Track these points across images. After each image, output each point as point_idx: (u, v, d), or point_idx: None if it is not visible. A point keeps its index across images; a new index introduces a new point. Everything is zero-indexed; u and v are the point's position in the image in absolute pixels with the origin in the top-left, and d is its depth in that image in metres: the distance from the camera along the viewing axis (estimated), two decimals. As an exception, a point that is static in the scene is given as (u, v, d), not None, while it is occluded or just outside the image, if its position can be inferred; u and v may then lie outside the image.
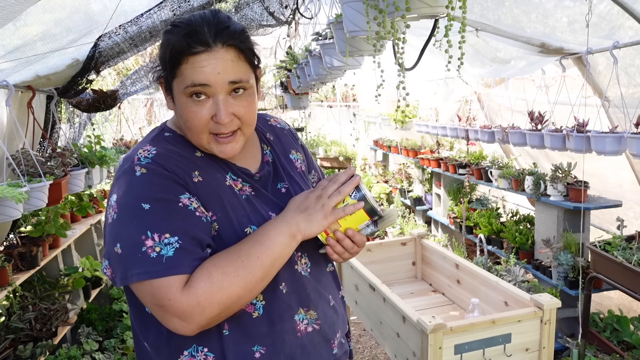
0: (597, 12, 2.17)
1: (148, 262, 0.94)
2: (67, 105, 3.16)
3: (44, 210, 3.14)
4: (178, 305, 0.93)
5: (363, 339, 3.83)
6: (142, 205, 0.97)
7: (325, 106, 8.63)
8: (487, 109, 4.48)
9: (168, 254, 0.95)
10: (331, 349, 1.18)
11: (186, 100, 1.02)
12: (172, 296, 0.93)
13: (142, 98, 5.18)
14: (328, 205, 1.05)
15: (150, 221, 0.96)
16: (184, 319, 0.94)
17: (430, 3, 1.22)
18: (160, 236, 0.95)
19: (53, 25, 1.97)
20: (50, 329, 2.87)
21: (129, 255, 0.95)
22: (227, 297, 0.95)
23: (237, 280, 0.96)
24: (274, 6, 3.08)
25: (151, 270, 0.93)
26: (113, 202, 1.00)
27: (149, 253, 0.94)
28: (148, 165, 1.01)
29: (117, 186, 1.01)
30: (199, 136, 1.05)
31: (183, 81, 1.01)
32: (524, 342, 1.88)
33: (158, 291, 0.93)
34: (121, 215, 0.97)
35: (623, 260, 2.50)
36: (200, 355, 1.03)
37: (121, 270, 0.96)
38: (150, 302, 0.96)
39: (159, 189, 0.99)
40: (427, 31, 1.45)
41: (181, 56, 1.00)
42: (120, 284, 0.97)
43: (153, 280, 0.93)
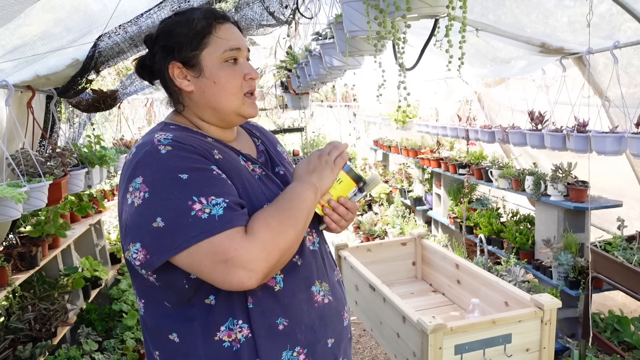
0: (598, 12, 2.16)
1: (201, 224, 0.96)
2: (66, 105, 3.15)
3: (43, 211, 3.13)
4: (245, 252, 0.96)
5: (363, 339, 3.83)
6: (180, 176, 0.99)
7: (325, 106, 8.63)
8: (487, 109, 4.48)
9: (219, 213, 0.97)
10: (342, 320, 1.25)
11: (221, 65, 1.12)
12: (238, 245, 0.96)
13: (141, 98, 5.17)
14: (330, 160, 1.18)
15: (192, 188, 0.98)
16: (251, 267, 0.96)
17: (430, 3, 1.22)
18: (207, 199, 0.98)
19: (53, 25, 1.96)
20: (50, 329, 2.87)
21: (177, 224, 0.96)
22: (285, 243, 1.01)
23: (289, 229, 1.03)
24: (274, 6, 3.07)
25: (207, 229, 0.95)
26: (139, 183, 1.00)
27: (199, 215, 0.96)
28: (172, 143, 1.04)
29: (140, 168, 1.01)
30: (236, 97, 1.14)
31: (218, 47, 1.11)
32: (525, 343, 1.88)
33: (220, 247, 0.95)
34: (156, 191, 0.98)
35: (623, 260, 2.49)
36: (236, 327, 1.07)
37: (169, 241, 0.96)
38: (210, 262, 0.96)
39: (191, 160, 1.02)
40: (427, 31, 1.45)
41: (212, 25, 1.11)
42: (162, 258, 0.97)
43: (213, 237, 0.95)
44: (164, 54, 1.13)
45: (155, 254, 0.97)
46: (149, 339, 1.15)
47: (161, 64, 1.15)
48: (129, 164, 1.05)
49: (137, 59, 1.19)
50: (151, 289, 1.09)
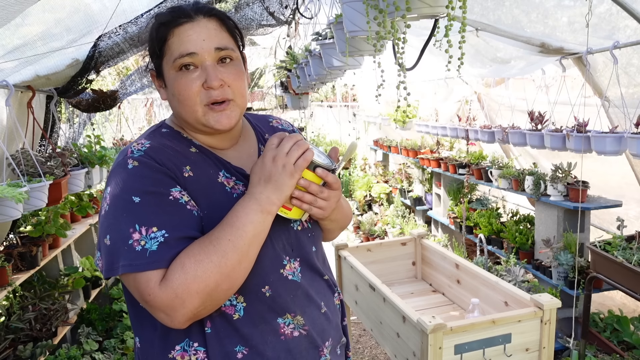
0: (597, 12, 2.17)
1: (132, 255, 0.94)
2: (66, 105, 3.16)
3: (43, 210, 3.14)
4: (158, 300, 0.93)
5: (363, 339, 3.83)
6: (133, 199, 0.98)
7: (325, 106, 8.63)
8: (487, 109, 4.48)
9: (152, 248, 0.95)
10: (319, 356, 1.14)
11: (176, 74, 1.04)
12: (151, 291, 0.94)
13: (141, 98, 5.18)
14: (289, 162, 0.99)
15: (139, 214, 0.97)
16: (168, 312, 0.94)
17: (430, 3, 1.22)
18: (147, 229, 0.96)
19: (53, 25, 1.96)
20: (50, 329, 2.87)
21: (116, 247, 0.96)
22: (205, 285, 0.94)
23: (210, 267, 0.94)
24: (274, 6, 3.07)
25: (134, 263, 0.94)
26: (107, 194, 1.02)
27: (134, 246, 0.95)
28: (140, 158, 1.02)
29: (111, 179, 1.03)
30: (193, 108, 1.04)
31: (172, 55, 1.03)
32: (524, 342, 1.88)
33: (139, 286, 0.94)
34: (112, 208, 0.99)
35: (623, 260, 2.50)
36: (191, 350, 1.03)
37: (109, 261, 0.97)
38: (136, 296, 0.97)
39: (150, 181, 1.00)
40: (427, 31, 1.45)
41: (167, 30, 1.04)
42: (106, 275, 0.98)
43: (136, 274, 0.94)
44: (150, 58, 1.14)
45: (105, 268, 0.99)
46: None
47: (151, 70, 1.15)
48: (111, 167, 1.07)
49: None
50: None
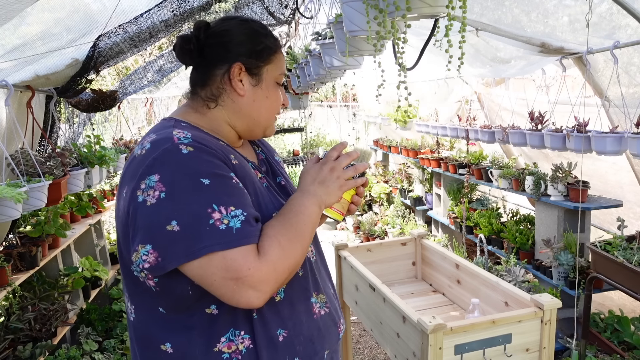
0: (598, 11, 2.16)
1: (218, 234, 0.92)
2: (66, 105, 3.15)
3: (43, 210, 3.13)
4: (258, 273, 0.93)
5: (363, 339, 3.83)
6: (202, 181, 0.95)
7: (325, 106, 8.63)
8: (487, 108, 4.48)
9: (237, 226, 0.94)
10: (338, 332, 1.23)
11: (274, 84, 1.18)
12: (251, 264, 0.93)
13: (141, 98, 5.17)
14: (342, 177, 1.13)
15: (213, 195, 0.95)
16: (260, 288, 0.94)
17: (430, 3, 1.22)
18: (226, 209, 0.95)
19: (53, 24, 1.96)
20: (50, 329, 2.87)
21: (192, 230, 0.92)
22: (294, 261, 1.00)
23: (298, 247, 1.01)
24: (273, 6, 3.07)
25: (223, 241, 0.92)
26: (154, 181, 0.95)
27: (217, 225, 0.93)
28: (193, 144, 1.00)
29: (157, 166, 0.96)
30: (272, 115, 1.20)
31: (279, 68, 1.18)
32: (525, 343, 1.87)
33: (233, 263, 0.92)
34: (175, 192, 0.94)
35: (624, 260, 2.49)
36: (238, 338, 1.04)
37: (182, 247, 0.92)
38: (221, 277, 0.93)
39: (213, 165, 0.99)
40: (427, 31, 1.45)
41: (278, 45, 1.18)
42: (180, 262, 0.93)
43: (227, 251, 0.92)
44: (226, 51, 1.12)
45: (167, 258, 0.93)
46: (137, 348, 1.10)
47: (218, 59, 1.12)
48: (142, 159, 0.99)
49: (183, 36, 1.13)
50: (146, 293, 1.04)
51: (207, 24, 1.14)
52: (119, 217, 1.04)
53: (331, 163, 1.13)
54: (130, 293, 1.09)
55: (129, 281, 1.07)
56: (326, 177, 1.12)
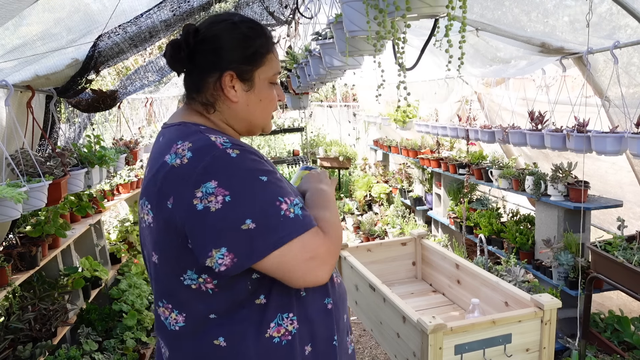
0: (598, 11, 2.16)
1: (290, 222, 1.01)
2: (66, 105, 3.15)
3: (43, 210, 3.13)
4: (327, 248, 1.05)
5: (363, 339, 3.83)
6: (261, 178, 1.02)
7: (325, 106, 8.63)
8: (487, 108, 4.48)
9: (300, 213, 1.04)
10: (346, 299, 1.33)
11: (268, 85, 1.18)
12: (321, 242, 1.04)
13: (141, 98, 5.16)
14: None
15: (275, 189, 1.02)
16: (331, 262, 1.06)
17: (430, 3, 1.22)
18: (289, 199, 1.03)
19: (53, 24, 1.96)
20: (50, 329, 2.87)
21: (269, 224, 0.99)
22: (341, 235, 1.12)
23: (339, 224, 1.13)
24: (273, 6, 3.07)
25: (297, 227, 1.01)
26: (212, 188, 0.98)
27: (288, 215, 1.01)
28: (237, 147, 1.05)
29: (212, 173, 0.99)
30: (269, 115, 1.22)
31: (272, 69, 1.18)
32: (525, 343, 1.87)
33: (310, 244, 1.02)
34: (239, 193, 0.99)
35: (624, 260, 2.49)
36: (287, 321, 1.11)
37: (261, 242, 0.99)
38: (301, 259, 1.02)
39: (260, 163, 1.05)
40: (427, 31, 1.45)
41: (270, 45, 1.17)
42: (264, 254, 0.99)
43: (303, 235, 1.01)
44: (217, 58, 1.12)
45: (246, 256, 0.99)
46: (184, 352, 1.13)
47: (210, 66, 1.13)
48: (188, 168, 1.01)
49: (172, 43, 1.14)
50: (199, 297, 1.08)
51: (196, 29, 1.14)
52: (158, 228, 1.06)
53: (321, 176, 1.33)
54: (179, 303, 1.11)
55: (176, 292, 1.09)
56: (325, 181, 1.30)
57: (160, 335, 1.18)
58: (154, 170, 1.08)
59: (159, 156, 1.08)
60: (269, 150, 8.26)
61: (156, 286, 1.14)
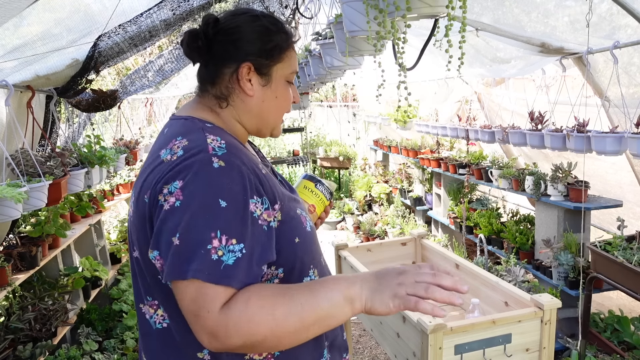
0: (598, 11, 2.16)
1: (207, 263, 0.88)
2: (66, 105, 3.15)
3: (43, 210, 3.13)
4: (211, 322, 0.88)
5: (363, 339, 3.83)
6: (220, 202, 0.91)
7: (325, 106, 8.63)
8: (487, 109, 4.48)
9: (228, 262, 0.89)
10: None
11: (284, 83, 1.14)
12: (212, 310, 0.88)
13: (141, 98, 5.16)
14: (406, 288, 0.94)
15: (223, 220, 0.91)
16: (208, 338, 0.89)
17: (430, 3, 1.22)
18: (227, 240, 0.90)
19: (53, 25, 1.96)
20: (50, 329, 2.87)
21: (189, 249, 0.89)
22: (254, 333, 0.89)
23: (268, 320, 0.89)
24: (273, 6, 3.07)
25: (209, 272, 0.88)
26: (175, 187, 0.92)
27: (211, 253, 0.88)
28: (225, 158, 0.97)
29: (184, 173, 0.94)
30: (281, 115, 1.17)
31: (290, 66, 1.14)
32: (524, 343, 1.87)
33: (202, 298, 0.88)
34: (189, 205, 0.91)
35: (623, 260, 2.49)
36: None
37: (175, 262, 0.89)
38: (186, 305, 0.89)
39: (238, 187, 0.94)
40: (427, 31, 1.45)
41: (289, 41, 1.13)
42: (167, 278, 0.90)
43: (204, 284, 0.88)
44: (235, 49, 1.08)
45: (167, 269, 0.91)
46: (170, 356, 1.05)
47: (227, 57, 1.09)
48: (170, 164, 0.96)
49: (190, 32, 1.09)
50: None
51: (216, 19, 1.09)
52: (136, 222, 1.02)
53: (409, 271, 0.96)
54: (162, 298, 1.03)
55: (157, 288, 1.02)
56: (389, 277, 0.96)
57: (144, 339, 1.09)
58: (147, 163, 1.04)
59: (157, 149, 1.04)
60: (269, 150, 8.26)
61: (140, 282, 1.06)
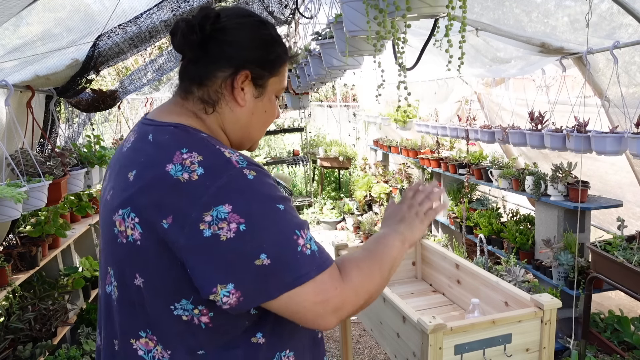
0: (598, 11, 2.16)
1: (308, 261, 0.89)
2: (66, 105, 3.15)
3: (43, 210, 3.13)
4: (342, 293, 0.92)
5: (363, 339, 3.83)
6: (278, 207, 0.89)
7: (325, 106, 8.63)
8: (487, 109, 4.48)
9: (315, 248, 0.92)
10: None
11: (273, 99, 1.10)
12: (338, 284, 0.92)
13: (141, 98, 5.17)
14: (421, 212, 1.20)
15: (291, 221, 0.91)
16: (342, 308, 0.92)
17: (430, 3, 1.22)
18: (305, 233, 0.92)
19: (53, 25, 1.96)
20: (50, 329, 2.87)
21: (285, 261, 0.87)
22: (372, 288, 0.99)
23: (377, 274, 1.01)
24: (273, 6, 3.07)
25: (314, 267, 0.89)
26: (225, 213, 0.84)
27: (304, 252, 0.90)
28: (254, 168, 0.92)
29: (226, 195, 0.86)
30: (263, 132, 1.13)
31: (282, 81, 1.10)
32: (524, 343, 1.87)
33: (323, 285, 0.90)
34: (256, 224, 0.86)
35: (623, 260, 2.49)
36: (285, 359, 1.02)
37: (274, 281, 0.86)
38: (312, 302, 0.89)
39: (277, 189, 0.94)
40: (427, 31, 1.45)
41: (286, 56, 1.09)
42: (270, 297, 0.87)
43: (319, 275, 0.89)
44: (235, 53, 0.99)
45: (255, 296, 0.86)
46: None
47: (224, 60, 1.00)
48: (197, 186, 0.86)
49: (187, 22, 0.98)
50: (189, 331, 0.93)
51: (218, 15, 1.00)
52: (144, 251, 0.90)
53: (408, 201, 1.22)
54: (165, 337, 0.95)
55: (163, 323, 0.94)
56: (404, 214, 1.19)
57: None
58: (146, 178, 0.90)
59: (152, 162, 0.91)
60: (269, 150, 8.26)
61: (139, 314, 0.95)
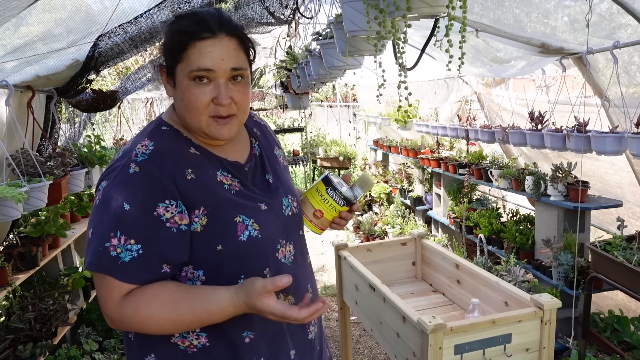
0: (598, 11, 2.16)
1: (105, 258, 1.01)
2: (66, 105, 3.15)
3: (43, 210, 3.13)
4: (109, 309, 1.03)
5: (363, 339, 3.83)
6: (124, 205, 1.01)
7: (325, 106, 8.63)
8: (487, 109, 4.48)
9: (125, 259, 1.01)
10: (307, 333, 1.27)
11: (189, 83, 1.08)
12: (109, 300, 1.02)
13: (141, 98, 5.17)
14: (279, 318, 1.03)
15: (124, 222, 1.01)
16: (110, 321, 1.05)
17: (430, 2, 1.22)
18: (126, 240, 1.01)
19: (54, 25, 1.96)
20: (50, 329, 2.87)
21: (93, 245, 1.02)
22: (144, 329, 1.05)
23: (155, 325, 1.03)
24: (273, 6, 3.08)
25: (104, 266, 1.01)
26: (101, 187, 1.05)
27: (109, 250, 1.01)
28: (142, 164, 1.05)
29: (110, 175, 1.06)
30: (199, 118, 1.10)
31: (189, 65, 1.07)
32: (524, 342, 1.87)
33: (102, 289, 1.03)
34: (102, 205, 1.03)
35: (623, 260, 2.49)
36: (192, 335, 1.10)
37: (87, 254, 1.04)
38: (97, 292, 1.05)
39: (144, 192, 1.03)
40: (428, 30, 1.45)
41: (189, 41, 1.06)
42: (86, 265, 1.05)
43: (103, 276, 1.02)
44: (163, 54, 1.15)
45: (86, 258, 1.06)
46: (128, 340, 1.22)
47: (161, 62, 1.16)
48: (113, 162, 1.09)
49: None
50: None
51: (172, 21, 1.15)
52: None
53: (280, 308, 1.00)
54: None
55: None
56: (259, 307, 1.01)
57: None
58: None
59: None
60: (269, 150, 8.25)
61: None
